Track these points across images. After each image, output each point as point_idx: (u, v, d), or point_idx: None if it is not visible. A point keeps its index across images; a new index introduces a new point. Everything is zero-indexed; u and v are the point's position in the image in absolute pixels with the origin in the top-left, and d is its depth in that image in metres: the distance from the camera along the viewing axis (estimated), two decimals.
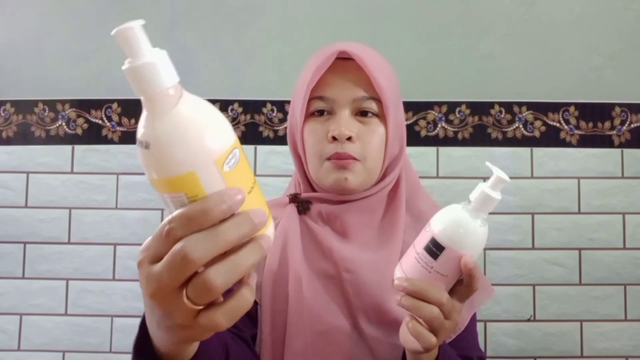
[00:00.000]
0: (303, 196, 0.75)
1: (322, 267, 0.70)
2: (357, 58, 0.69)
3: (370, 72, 0.69)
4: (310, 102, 0.71)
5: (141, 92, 0.31)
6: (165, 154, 0.31)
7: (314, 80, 0.69)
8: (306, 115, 0.72)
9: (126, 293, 1.36)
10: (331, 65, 0.70)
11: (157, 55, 0.31)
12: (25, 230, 1.38)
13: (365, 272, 0.69)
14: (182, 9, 1.40)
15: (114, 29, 0.31)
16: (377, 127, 0.71)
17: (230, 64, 1.39)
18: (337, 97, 0.70)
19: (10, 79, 1.41)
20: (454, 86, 1.38)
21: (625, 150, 1.35)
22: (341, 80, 0.70)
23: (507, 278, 1.33)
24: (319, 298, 0.69)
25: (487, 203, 0.52)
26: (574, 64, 1.37)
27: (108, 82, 1.40)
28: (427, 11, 1.39)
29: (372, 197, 0.73)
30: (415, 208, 0.78)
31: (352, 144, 0.68)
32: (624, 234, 1.34)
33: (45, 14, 1.41)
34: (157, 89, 0.31)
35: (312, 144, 0.71)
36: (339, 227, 0.73)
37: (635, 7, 1.37)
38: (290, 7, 1.40)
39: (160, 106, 0.31)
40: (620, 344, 1.32)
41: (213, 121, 0.33)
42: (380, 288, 0.68)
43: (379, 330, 0.68)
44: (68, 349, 1.35)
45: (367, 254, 0.71)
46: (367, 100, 0.70)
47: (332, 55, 0.69)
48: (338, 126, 0.68)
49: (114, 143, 1.39)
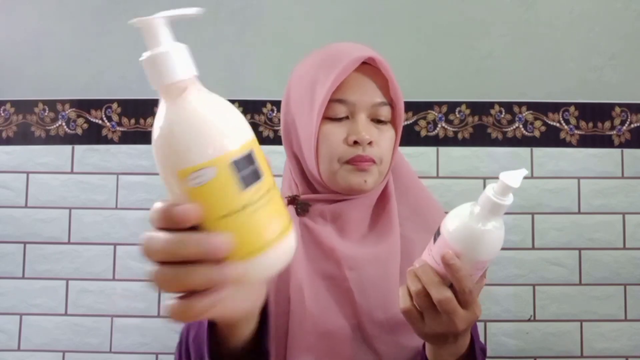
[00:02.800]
0: (303, 198, 0.75)
1: (325, 267, 0.70)
2: (380, 63, 0.70)
3: (390, 77, 0.71)
4: (328, 104, 0.70)
5: (156, 83, 0.31)
6: (157, 146, 0.32)
7: (336, 83, 0.69)
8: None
9: (126, 293, 1.36)
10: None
11: (176, 47, 0.31)
12: (25, 230, 1.38)
13: (369, 268, 0.69)
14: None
15: (135, 19, 0.32)
16: (388, 132, 0.72)
17: (230, 64, 1.39)
18: (358, 101, 0.70)
19: (10, 79, 1.41)
20: (454, 86, 1.38)
21: (625, 150, 1.35)
22: (362, 84, 0.71)
23: (507, 278, 1.33)
24: (322, 299, 0.69)
25: (494, 209, 0.50)
26: (574, 64, 1.37)
27: (108, 82, 1.40)
28: (427, 11, 1.39)
29: (370, 193, 0.74)
30: (411, 199, 0.78)
31: (371, 148, 0.69)
32: (624, 234, 1.34)
33: (45, 14, 1.41)
34: (171, 79, 0.31)
35: (330, 147, 0.70)
36: (340, 224, 0.73)
37: (635, 7, 1.37)
38: (290, 7, 1.39)
39: (169, 93, 0.31)
40: (620, 344, 1.32)
41: (196, 129, 0.31)
42: (386, 282, 0.69)
43: (385, 330, 0.68)
44: (68, 349, 1.35)
45: (368, 248, 0.71)
46: (384, 105, 0.71)
47: (358, 59, 0.70)
48: (359, 131, 0.69)
49: (114, 143, 1.39)
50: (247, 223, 0.33)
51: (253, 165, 0.33)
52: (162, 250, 0.33)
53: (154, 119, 0.33)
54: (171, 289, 0.34)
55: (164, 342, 1.32)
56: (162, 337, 1.33)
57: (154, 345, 1.34)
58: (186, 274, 0.33)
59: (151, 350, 1.34)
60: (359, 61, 0.70)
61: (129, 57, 1.39)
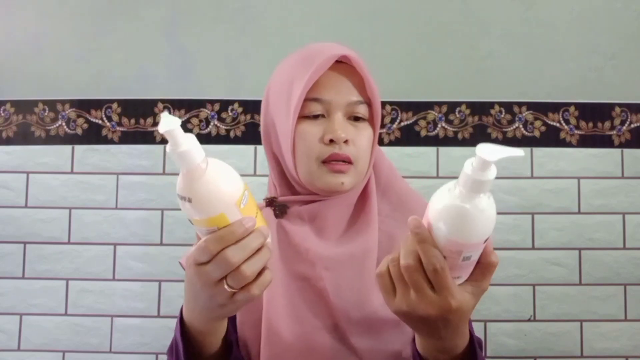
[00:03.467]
0: (280, 199, 0.75)
1: (300, 269, 0.70)
2: (355, 62, 0.70)
3: (366, 76, 0.70)
4: (303, 103, 0.70)
5: (183, 167, 0.47)
6: (203, 205, 0.48)
7: (310, 82, 0.69)
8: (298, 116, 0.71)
9: (126, 293, 1.36)
10: None
11: (190, 141, 0.46)
12: (25, 230, 1.38)
13: (344, 267, 0.69)
14: (182, 9, 1.40)
15: (162, 129, 0.45)
16: (366, 130, 0.72)
17: (230, 64, 1.39)
18: (333, 99, 0.70)
19: (10, 79, 1.41)
20: (454, 86, 1.38)
21: (625, 150, 1.35)
22: (337, 82, 0.70)
23: (507, 278, 1.33)
24: (296, 301, 0.68)
25: (474, 186, 0.44)
26: (574, 64, 1.37)
27: (108, 82, 1.40)
28: (427, 11, 1.39)
29: (350, 192, 0.73)
30: (393, 196, 0.77)
31: (347, 146, 0.69)
32: (624, 234, 1.34)
33: (45, 14, 1.41)
34: (192, 165, 0.47)
35: (306, 146, 0.70)
36: (318, 224, 0.72)
37: (635, 7, 1.37)
38: (289, 7, 1.40)
39: (194, 174, 0.47)
40: (620, 344, 1.32)
41: (229, 177, 0.49)
42: (361, 281, 0.68)
43: (362, 328, 0.67)
44: (68, 349, 1.35)
45: (344, 247, 0.71)
46: (360, 104, 0.71)
47: (332, 58, 0.69)
48: (335, 129, 0.68)
49: (114, 143, 1.39)
50: (261, 215, 0.52)
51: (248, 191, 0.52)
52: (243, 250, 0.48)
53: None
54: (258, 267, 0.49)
55: (163, 342, 1.31)
56: (162, 337, 1.33)
57: (153, 345, 1.34)
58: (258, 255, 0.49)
59: (151, 350, 1.34)
60: (333, 59, 0.69)
61: (129, 57, 1.39)
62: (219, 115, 1.39)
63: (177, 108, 1.39)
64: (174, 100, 1.39)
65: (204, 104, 1.39)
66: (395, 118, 1.37)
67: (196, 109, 1.39)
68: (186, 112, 1.39)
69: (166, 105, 1.39)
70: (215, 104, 1.39)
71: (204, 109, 1.39)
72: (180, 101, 1.39)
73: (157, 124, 1.39)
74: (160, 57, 1.40)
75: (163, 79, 1.40)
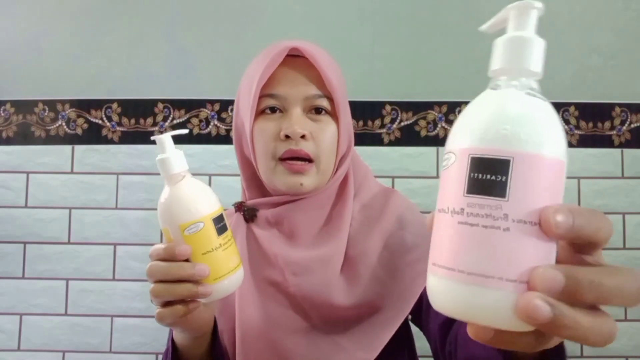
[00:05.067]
0: (249, 203, 0.73)
1: (268, 275, 0.68)
2: (309, 55, 0.68)
3: (322, 69, 0.67)
4: (260, 100, 0.68)
5: (163, 174, 0.53)
6: (159, 213, 0.52)
7: (264, 77, 0.67)
8: (256, 113, 0.69)
9: (126, 293, 1.36)
10: (281, 62, 0.68)
11: (174, 153, 0.52)
12: (25, 230, 1.38)
13: (312, 272, 0.67)
14: (182, 9, 1.40)
15: (155, 137, 0.53)
16: (328, 125, 0.69)
17: (230, 64, 1.39)
18: (288, 94, 0.67)
19: (10, 79, 1.41)
20: (454, 86, 1.38)
21: (625, 150, 1.35)
22: (292, 77, 0.68)
23: None
24: (269, 306, 0.67)
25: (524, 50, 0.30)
26: (573, 64, 1.37)
27: (108, 82, 1.40)
28: (427, 11, 1.39)
29: (321, 195, 0.71)
30: (364, 196, 0.75)
31: (305, 142, 0.66)
32: (624, 234, 1.34)
33: (45, 14, 1.42)
34: (167, 173, 0.52)
35: (263, 144, 0.67)
36: (286, 228, 0.70)
37: (635, 7, 1.37)
38: (289, 7, 1.40)
39: (170, 182, 0.53)
40: (620, 344, 1.31)
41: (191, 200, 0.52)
42: (326, 284, 0.66)
43: (340, 328, 0.66)
44: (68, 349, 1.35)
45: (315, 251, 0.68)
46: (320, 98, 0.68)
47: (283, 51, 0.67)
48: (291, 124, 0.65)
49: (114, 143, 1.39)
50: (218, 258, 0.52)
51: (223, 221, 0.53)
52: (163, 272, 0.50)
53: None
54: (164, 298, 0.51)
55: (163, 342, 1.31)
56: (162, 337, 1.32)
57: (153, 345, 1.34)
58: (176, 287, 0.50)
59: (151, 350, 1.34)
60: (284, 53, 0.68)
61: (129, 57, 1.39)
62: (219, 115, 1.39)
63: (177, 108, 1.39)
64: (174, 100, 1.39)
65: (204, 104, 1.39)
66: (395, 118, 1.37)
67: (196, 109, 1.39)
68: (186, 112, 1.39)
69: (166, 105, 1.39)
70: (215, 104, 1.39)
71: (204, 109, 1.39)
72: (180, 101, 1.39)
73: (157, 124, 1.39)
74: (160, 57, 1.40)
75: (163, 79, 1.40)
